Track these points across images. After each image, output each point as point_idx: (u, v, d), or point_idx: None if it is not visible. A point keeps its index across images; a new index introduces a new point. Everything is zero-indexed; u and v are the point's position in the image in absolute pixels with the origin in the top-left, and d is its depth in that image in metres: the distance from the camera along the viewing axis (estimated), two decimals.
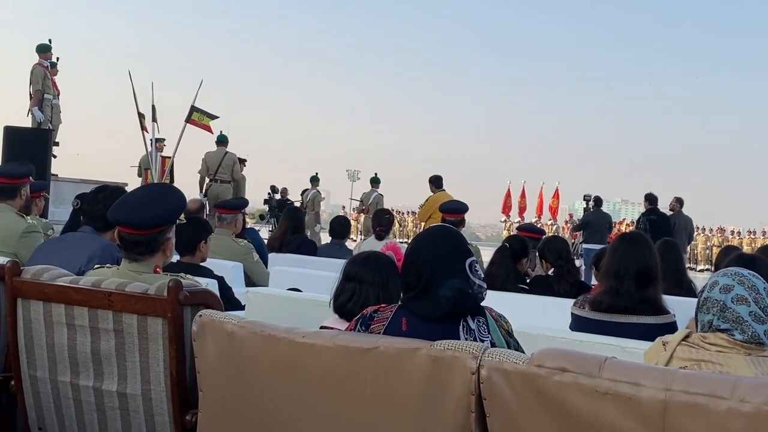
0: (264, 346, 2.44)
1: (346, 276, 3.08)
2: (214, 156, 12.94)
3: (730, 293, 2.27)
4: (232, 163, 12.88)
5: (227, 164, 12.80)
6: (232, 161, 12.91)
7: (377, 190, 17.56)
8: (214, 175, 12.68)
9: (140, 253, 2.98)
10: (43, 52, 12.57)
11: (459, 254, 2.45)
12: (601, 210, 15.04)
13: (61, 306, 2.80)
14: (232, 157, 12.98)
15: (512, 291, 5.24)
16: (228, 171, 12.89)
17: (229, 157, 12.90)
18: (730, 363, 2.20)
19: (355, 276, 3.04)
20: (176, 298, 2.61)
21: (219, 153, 12.99)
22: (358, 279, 3.03)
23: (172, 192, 3.21)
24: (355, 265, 3.10)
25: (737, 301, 2.25)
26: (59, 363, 2.83)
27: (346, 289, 3.03)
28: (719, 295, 2.29)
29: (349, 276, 3.06)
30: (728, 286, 2.29)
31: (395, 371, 2.20)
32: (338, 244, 7.52)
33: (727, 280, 2.31)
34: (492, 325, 2.45)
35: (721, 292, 2.29)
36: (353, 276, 3.05)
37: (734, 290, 2.27)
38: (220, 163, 12.69)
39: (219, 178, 12.70)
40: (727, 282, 2.30)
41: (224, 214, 6.42)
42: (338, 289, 3.08)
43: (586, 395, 1.89)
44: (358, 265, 3.09)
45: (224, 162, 12.73)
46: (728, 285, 2.29)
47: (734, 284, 2.29)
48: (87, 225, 3.85)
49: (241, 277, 5.64)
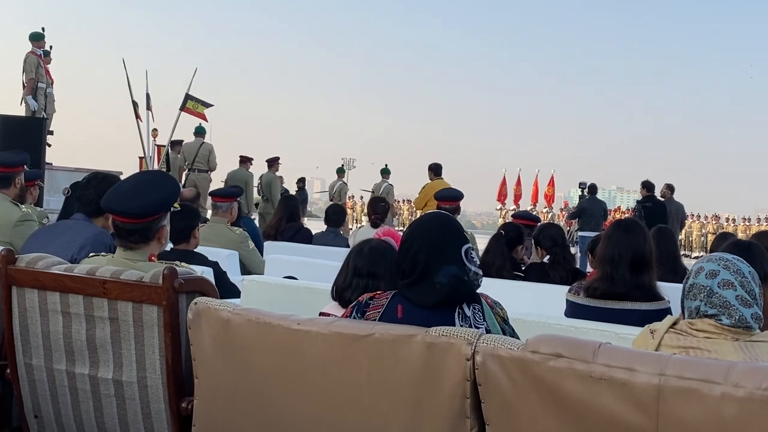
0: (259, 334, 2.44)
1: (358, 272, 3.03)
2: (191, 146, 13.50)
3: (716, 278, 2.27)
4: (207, 152, 13.46)
5: (203, 154, 13.41)
6: (208, 151, 13.48)
7: (387, 180, 17.65)
8: (191, 165, 13.21)
9: (134, 242, 2.97)
10: (36, 40, 12.49)
11: (455, 241, 2.44)
12: (596, 197, 15.04)
13: (56, 294, 2.80)
14: (208, 147, 13.54)
15: (508, 278, 5.25)
16: (204, 161, 13.46)
17: (205, 147, 13.49)
18: (718, 349, 2.20)
19: (369, 272, 3.01)
20: (171, 286, 2.61)
21: (196, 143, 13.60)
22: (371, 274, 3.00)
23: (166, 179, 3.19)
24: (364, 258, 3.05)
25: (723, 285, 2.25)
26: (54, 351, 2.83)
27: (357, 285, 2.99)
28: (705, 281, 2.29)
29: (361, 272, 3.02)
30: (714, 271, 2.29)
31: (391, 358, 2.21)
32: (333, 232, 7.52)
33: (712, 265, 2.31)
34: (487, 312, 2.45)
35: (707, 277, 2.29)
36: (366, 272, 3.01)
37: (720, 275, 2.27)
38: (197, 153, 13.30)
39: (196, 167, 13.24)
40: (713, 267, 2.30)
41: (219, 202, 6.41)
42: (345, 282, 3.04)
43: (581, 381, 1.89)
44: (367, 259, 3.05)
45: (200, 152, 13.38)
46: (714, 270, 2.29)
47: (720, 269, 2.28)
48: (79, 212, 3.84)
49: (236, 265, 5.64)
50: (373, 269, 3.01)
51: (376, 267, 3.01)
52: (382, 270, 3.00)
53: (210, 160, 13.57)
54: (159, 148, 16.38)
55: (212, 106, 15.97)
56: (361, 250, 3.11)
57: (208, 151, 13.52)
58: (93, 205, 3.76)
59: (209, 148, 13.63)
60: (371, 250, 3.08)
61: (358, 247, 3.16)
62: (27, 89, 12.30)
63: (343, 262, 3.13)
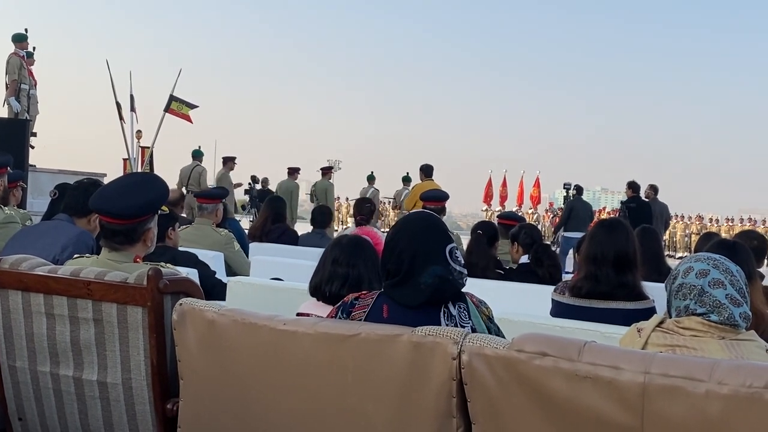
0: (245, 334, 2.44)
1: (337, 262, 3.03)
2: (186, 169, 14.59)
3: (707, 277, 2.28)
4: (198, 175, 14.47)
5: (194, 176, 14.42)
6: (198, 173, 14.50)
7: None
8: (186, 186, 14.19)
9: (119, 243, 2.94)
10: (19, 41, 12.41)
11: (439, 240, 2.45)
12: (582, 198, 15.09)
13: (40, 295, 2.78)
14: (199, 170, 14.54)
15: (492, 278, 5.26)
16: (195, 182, 14.36)
17: (196, 170, 14.51)
18: (705, 347, 2.21)
19: (348, 262, 3.01)
20: (156, 287, 2.60)
21: (190, 166, 14.61)
22: (351, 264, 3.00)
23: (155, 181, 3.13)
24: (342, 249, 3.06)
25: (714, 284, 2.26)
26: (39, 353, 2.81)
27: (337, 274, 3.00)
28: (696, 281, 2.29)
29: (341, 262, 3.02)
30: (704, 271, 2.29)
31: (377, 357, 2.21)
32: (320, 233, 7.51)
33: (701, 265, 2.32)
34: (473, 311, 2.46)
35: (697, 277, 2.29)
36: (345, 262, 3.01)
37: (710, 274, 2.28)
38: (189, 174, 14.38)
39: (190, 189, 14.00)
40: (703, 267, 2.31)
41: (205, 203, 6.39)
42: (324, 275, 3.04)
43: (566, 379, 1.90)
44: (345, 250, 3.05)
45: (192, 174, 14.43)
46: (704, 269, 2.30)
47: (710, 268, 2.29)
48: (64, 212, 3.83)
49: (222, 266, 5.63)
50: (353, 260, 3.02)
51: (356, 257, 3.02)
52: (361, 261, 3.01)
53: (201, 182, 14.38)
54: (143, 150, 16.32)
55: (197, 107, 15.96)
56: (339, 243, 3.13)
57: (199, 174, 14.48)
58: (79, 206, 3.75)
59: (200, 170, 14.56)
60: (349, 241, 3.11)
61: (336, 240, 3.19)
62: (10, 91, 12.22)
63: (320, 260, 3.13)
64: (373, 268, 2.98)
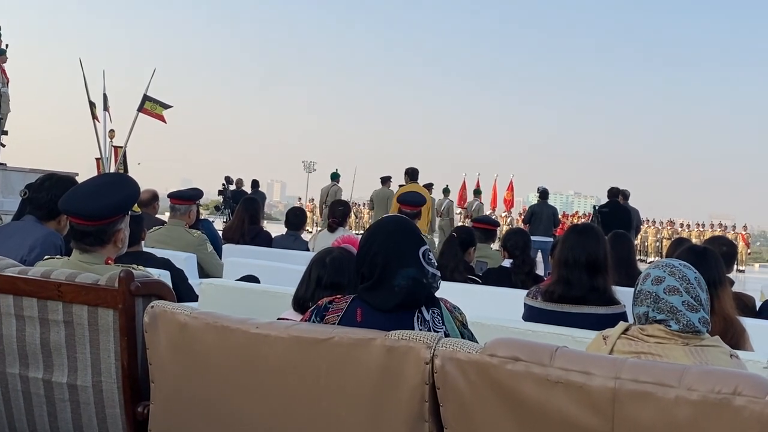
0: (217, 337, 2.42)
1: (320, 283, 3.00)
2: (325, 188, 17.46)
3: (662, 284, 2.33)
4: (334, 193, 16.99)
5: (332, 194, 16.81)
6: (335, 192, 17.10)
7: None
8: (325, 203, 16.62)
9: (90, 244, 2.91)
10: None
11: (412, 243, 2.46)
12: (546, 202, 15.24)
13: (9, 297, 2.75)
14: (335, 189, 17.24)
15: (460, 281, 5.28)
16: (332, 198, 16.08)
17: (332, 189, 17.23)
18: (669, 354, 2.24)
19: (332, 282, 2.98)
20: (127, 289, 2.58)
21: (329, 186, 17.45)
22: (335, 284, 2.97)
23: (125, 182, 3.09)
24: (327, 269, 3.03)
25: (669, 291, 2.31)
26: (8, 354, 2.78)
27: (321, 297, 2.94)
28: (651, 287, 2.34)
29: (324, 283, 2.99)
30: (659, 278, 2.35)
31: (350, 362, 2.21)
32: (293, 235, 7.48)
33: (658, 272, 2.37)
34: (446, 316, 2.47)
35: (653, 283, 2.35)
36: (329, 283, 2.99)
37: (665, 281, 2.33)
38: (328, 192, 17.06)
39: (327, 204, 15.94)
40: (658, 273, 2.36)
41: (177, 204, 6.32)
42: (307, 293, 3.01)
43: (538, 384, 1.91)
44: (330, 269, 3.02)
45: (330, 192, 17.06)
46: (659, 276, 2.35)
47: (665, 275, 2.35)
48: (30, 214, 3.73)
49: (194, 268, 5.59)
50: (337, 279, 3.00)
51: (340, 277, 3.00)
52: (346, 280, 2.98)
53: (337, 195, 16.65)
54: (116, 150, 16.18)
55: (171, 107, 15.86)
56: (323, 261, 3.08)
57: (335, 192, 16.94)
58: (44, 209, 3.63)
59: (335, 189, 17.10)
60: (333, 261, 3.06)
61: (320, 257, 3.12)
62: None
63: (304, 273, 3.10)
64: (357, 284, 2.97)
